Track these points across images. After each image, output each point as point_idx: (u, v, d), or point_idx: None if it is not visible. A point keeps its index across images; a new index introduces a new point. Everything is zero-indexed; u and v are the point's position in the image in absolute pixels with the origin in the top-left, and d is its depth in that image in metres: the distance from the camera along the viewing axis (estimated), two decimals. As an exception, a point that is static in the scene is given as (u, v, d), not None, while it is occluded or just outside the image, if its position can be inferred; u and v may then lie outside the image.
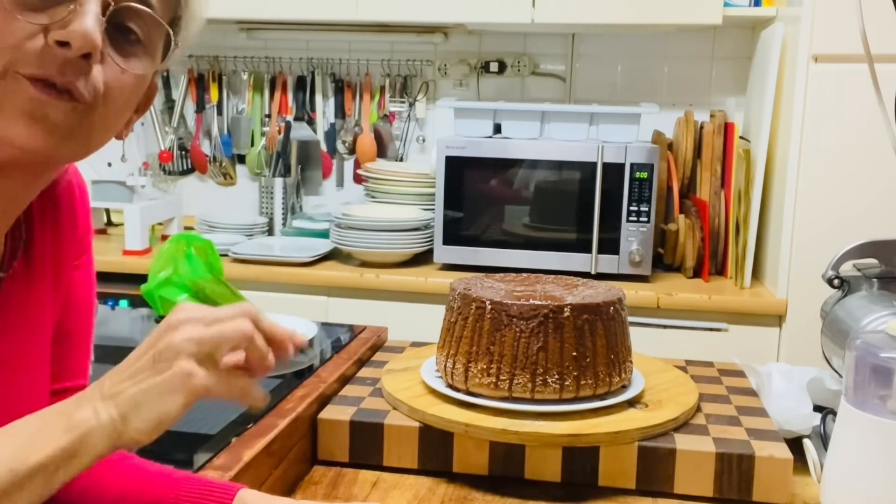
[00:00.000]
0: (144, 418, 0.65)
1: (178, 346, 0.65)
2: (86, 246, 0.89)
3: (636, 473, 1.05)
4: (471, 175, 2.45)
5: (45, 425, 0.65)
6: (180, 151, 3.06)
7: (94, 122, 0.70)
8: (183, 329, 0.66)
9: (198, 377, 0.65)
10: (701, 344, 2.24)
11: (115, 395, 0.65)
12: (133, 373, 0.66)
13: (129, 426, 0.65)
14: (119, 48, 0.70)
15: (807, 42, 2.12)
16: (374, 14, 2.54)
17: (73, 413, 0.65)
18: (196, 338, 0.66)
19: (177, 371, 0.65)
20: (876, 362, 0.93)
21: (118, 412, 0.65)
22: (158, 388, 0.65)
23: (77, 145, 0.70)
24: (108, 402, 0.65)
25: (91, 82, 0.68)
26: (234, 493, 0.86)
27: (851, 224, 2.10)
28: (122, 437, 0.65)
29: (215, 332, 0.66)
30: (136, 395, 0.65)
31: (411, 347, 1.42)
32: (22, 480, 0.63)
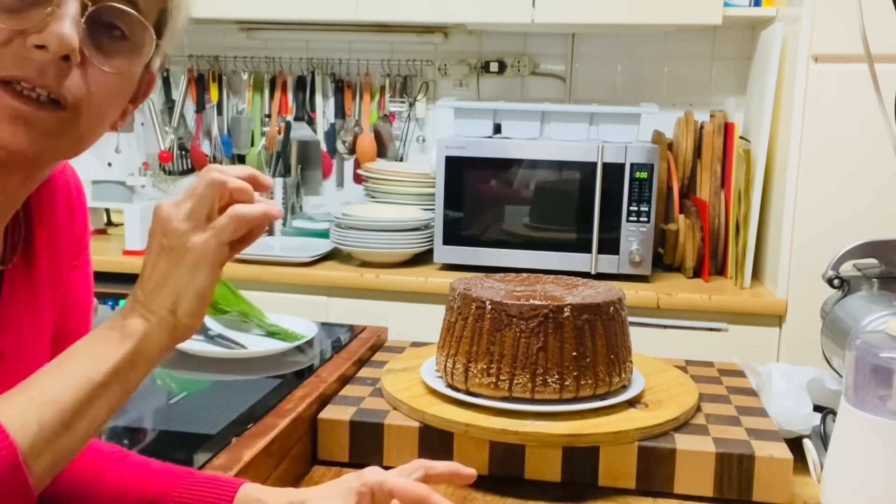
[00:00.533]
0: (188, 302, 0.69)
1: (179, 229, 0.68)
2: (83, 246, 0.89)
3: (636, 473, 1.05)
4: (471, 175, 2.45)
5: (102, 341, 0.69)
6: (180, 151, 3.06)
7: (82, 122, 0.70)
8: (169, 216, 0.69)
9: (209, 241, 0.69)
10: (701, 344, 2.24)
11: (154, 298, 0.69)
12: (159, 276, 0.69)
13: (179, 314, 0.69)
14: (101, 47, 0.70)
15: (807, 42, 2.12)
16: (374, 14, 2.54)
17: (125, 324, 0.69)
18: (185, 213, 0.69)
19: (191, 249, 0.68)
20: (876, 362, 0.93)
21: (165, 309, 0.69)
22: (185, 272, 0.69)
23: (65, 144, 0.71)
24: (150, 305, 0.69)
25: (72, 84, 0.68)
26: (236, 488, 0.86)
27: (851, 224, 2.10)
28: (177, 329, 0.70)
29: (194, 197, 0.69)
30: (171, 289, 0.69)
31: (411, 347, 1.42)
32: (99, 388, 0.66)
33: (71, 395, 0.65)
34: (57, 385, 0.65)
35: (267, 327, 1.48)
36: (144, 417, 1.15)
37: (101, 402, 0.67)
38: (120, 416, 1.13)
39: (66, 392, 0.65)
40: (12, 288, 0.78)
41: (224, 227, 0.69)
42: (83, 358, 0.67)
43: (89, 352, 0.68)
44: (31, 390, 0.65)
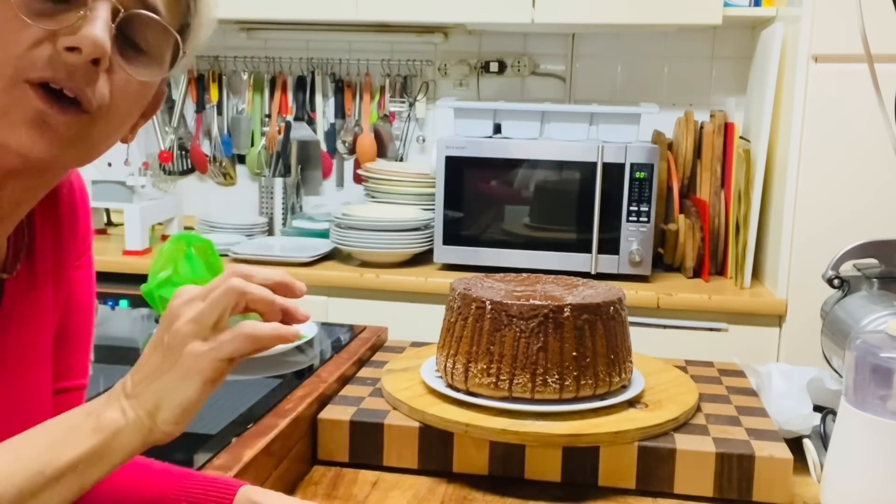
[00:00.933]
0: (170, 410, 0.66)
1: (180, 332, 0.66)
2: (86, 247, 0.89)
3: (636, 473, 1.05)
4: (471, 175, 2.45)
5: (74, 427, 0.66)
6: (180, 151, 3.06)
7: (98, 131, 0.70)
8: (182, 314, 0.67)
9: (205, 355, 0.66)
10: (701, 344, 2.24)
11: (138, 395, 0.67)
12: (149, 370, 0.67)
13: (157, 420, 0.66)
14: (126, 55, 0.69)
15: (807, 42, 2.12)
16: (374, 14, 2.54)
17: (102, 414, 0.66)
18: (194, 317, 0.67)
19: (185, 356, 0.66)
20: (876, 362, 0.93)
21: (144, 410, 0.66)
22: (174, 378, 0.66)
23: (80, 153, 0.70)
24: (133, 402, 0.67)
25: (98, 89, 0.67)
26: (235, 489, 0.86)
27: (851, 224, 2.10)
28: (152, 433, 0.67)
29: (208, 302, 0.67)
30: (156, 391, 0.66)
31: (411, 347, 1.42)
32: (51, 480, 0.64)
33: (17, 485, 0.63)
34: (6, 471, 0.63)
35: (267, 327, 1.48)
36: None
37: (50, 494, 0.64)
38: (120, 416, 1.13)
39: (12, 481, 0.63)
40: (14, 296, 0.78)
41: (225, 344, 0.67)
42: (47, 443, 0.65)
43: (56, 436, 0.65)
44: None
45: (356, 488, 1.06)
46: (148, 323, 1.61)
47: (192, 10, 0.75)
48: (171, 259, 1.49)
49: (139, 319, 1.67)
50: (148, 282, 1.50)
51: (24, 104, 0.65)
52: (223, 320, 0.67)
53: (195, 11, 0.76)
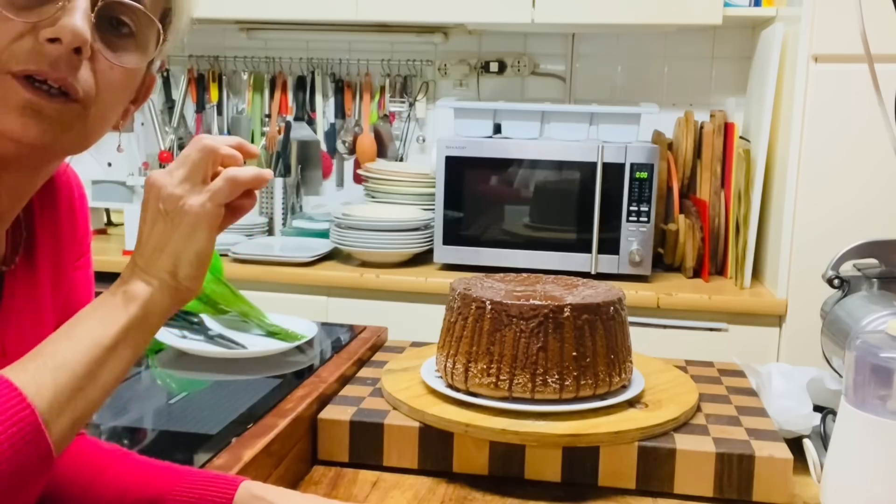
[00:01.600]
0: (188, 265, 0.71)
1: (175, 194, 0.70)
2: (85, 247, 0.89)
3: (636, 473, 1.05)
4: (471, 175, 2.45)
5: (107, 306, 0.70)
6: (180, 151, 3.05)
7: (89, 117, 0.71)
8: (164, 182, 0.71)
9: (205, 204, 0.70)
10: (701, 344, 2.24)
11: (153, 262, 0.71)
12: (156, 240, 0.71)
13: (180, 277, 0.71)
14: (109, 42, 0.71)
15: (807, 42, 2.12)
16: (374, 14, 2.54)
17: (127, 289, 0.70)
18: (179, 178, 0.71)
19: (187, 212, 0.70)
20: (876, 362, 0.93)
21: (165, 272, 0.71)
22: (183, 234, 0.70)
23: (73, 138, 0.71)
24: (151, 270, 0.71)
25: (82, 77, 0.69)
26: (236, 485, 0.86)
27: (851, 224, 2.10)
28: (178, 291, 0.71)
29: (187, 162, 0.71)
30: (170, 253, 0.70)
31: (411, 347, 1.42)
32: (109, 350, 0.68)
33: (82, 359, 0.66)
34: (68, 350, 0.66)
35: (267, 327, 1.48)
36: (144, 417, 1.15)
37: (111, 365, 0.68)
38: (120, 416, 1.13)
39: (77, 356, 0.66)
40: (13, 288, 0.78)
41: (219, 189, 0.71)
42: (91, 322, 0.69)
43: (96, 316, 0.69)
44: (43, 356, 0.66)
45: (356, 488, 1.06)
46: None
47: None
48: (171, 259, 1.49)
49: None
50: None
51: (10, 94, 0.67)
52: (207, 177, 0.71)
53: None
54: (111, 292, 0.71)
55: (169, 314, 0.72)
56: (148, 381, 1.35)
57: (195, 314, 1.47)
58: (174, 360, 1.40)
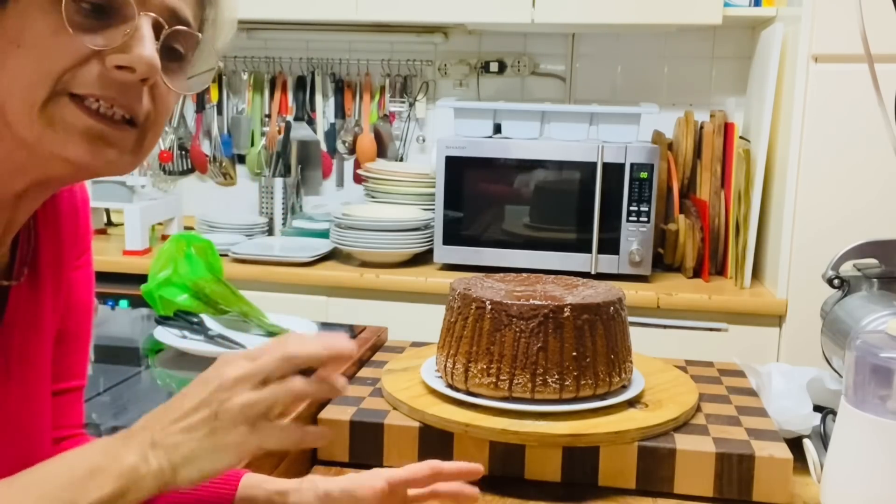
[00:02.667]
0: (196, 471, 0.66)
1: (235, 412, 0.66)
2: (86, 246, 0.89)
3: (636, 473, 1.05)
4: (471, 175, 2.45)
5: (96, 469, 0.65)
6: (180, 151, 3.06)
7: (146, 140, 0.72)
8: (237, 392, 0.66)
9: (250, 442, 0.66)
10: (701, 344, 2.24)
11: (168, 448, 0.66)
12: (187, 427, 0.66)
13: (179, 476, 0.66)
14: (167, 66, 0.71)
15: (807, 42, 2.12)
16: (374, 14, 2.54)
17: (124, 458, 0.65)
18: (251, 403, 0.66)
19: (230, 434, 0.66)
20: (876, 362, 0.93)
21: (169, 463, 0.66)
22: (209, 447, 0.66)
23: (129, 161, 0.72)
24: (160, 451, 0.66)
25: (144, 104, 0.69)
26: (238, 478, 0.86)
27: (851, 224, 2.10)
28: (168, 485, 0.66)
29: (268, 396, 0.67)
30: (191, 450, 0.66)
31: (411, 347, 1.42)
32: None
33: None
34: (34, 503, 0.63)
35: (267, 327, 1.49)
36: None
37: None
38: (120, 416, 1.13)
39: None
40: (18, 301, 0.78)
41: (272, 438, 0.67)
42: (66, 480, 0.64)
43: (77, 476, 0.65)
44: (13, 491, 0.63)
45: (356, 488, 1.06)
46: (148, 323, 1.61)
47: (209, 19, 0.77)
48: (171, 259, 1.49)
49: (139, 319, 1.68)
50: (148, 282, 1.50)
51: (73, 119, 0.66)
52: (272, 414, 0.67)
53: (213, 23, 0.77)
54: (104, 451, 0.66)
55: (145, 498, 0.66)
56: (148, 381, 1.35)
57: (195, 314, 1.47)
58: (174, 360, 1.39)
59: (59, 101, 0.66)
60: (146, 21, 0.67)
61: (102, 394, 1.22)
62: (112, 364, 1.39)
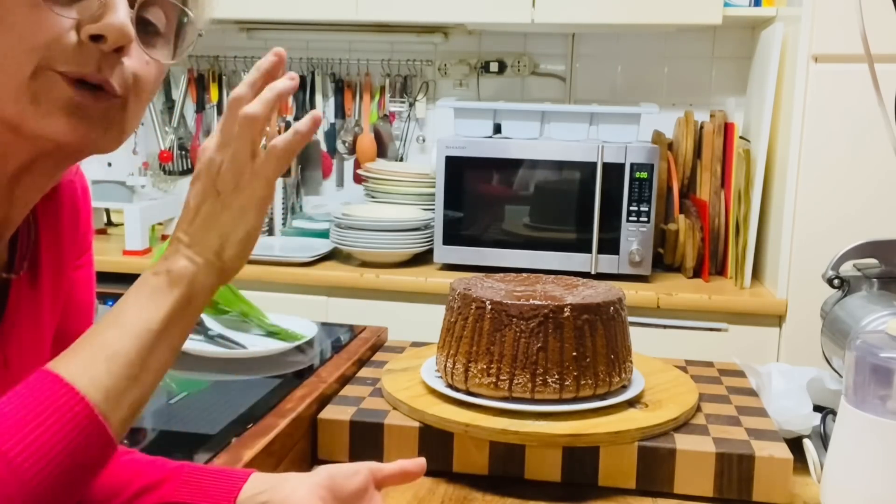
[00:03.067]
0: (236, 244, 0.70)
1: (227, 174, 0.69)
2: (86, 246, 0.89)
3: (636, 473, 1.05)
4: (471, 175, 2.45)
5: (151, 289, 0.69)
6: (180, 151, 3.06)
7: (127, 114, 0.71)
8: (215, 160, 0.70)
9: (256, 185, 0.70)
10: (701, 344, 2.24)
11: (202, 242, 0.70)
12: (204, 218, 0.70)
13: (225, 257, 0.70)
14: (144, 38, 0.70)
15: (807, 42, 2.12)
16: (374, 14, 2.54)
17: (171, 268, 0.69)
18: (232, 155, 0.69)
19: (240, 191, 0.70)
20: (876, 362, 0.93)
21: (211, 251, 0.70)
22: (232, 217, 0.70)
23: (113, 136, 0.71)
24: (197, 248, 0.70)
25: (122, 75, 0.69)
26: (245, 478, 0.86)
27: (851, 224, 2.10)
28: (223, 271, 0.71)
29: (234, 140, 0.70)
30: (218, 231, 0.70)
31: (411, 347, 1.42)
32: (159, 334, 0.67)
33: (133, 347, 0.66)
34: (117, 338, 0.66)
35: (267, 327, 1.48)
36: (144, 417, 1.15)
37: (162, 349, 0.67)
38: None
39: (128, 344, 0.66)
40: (18, 296, 0.78)
41: (269, 170, 0.70)
42: (138, 307, 0.68)
43: (142, 300, 0.68)
44: (93, 346, 0.65)
45: (356, 488, 1.06)
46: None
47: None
48: (171, 259, 1.49)
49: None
50: (148, 282, 1.50)
51: (55, 92, 0.66)
52: (257, 148, 0.71)
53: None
54: (155, 272, 0.69)
55: (213, 293, 0.71)
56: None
57: (195, 314, 1.46)
58: (174, 360, 1.39)
59: (44, 75, 0.65)
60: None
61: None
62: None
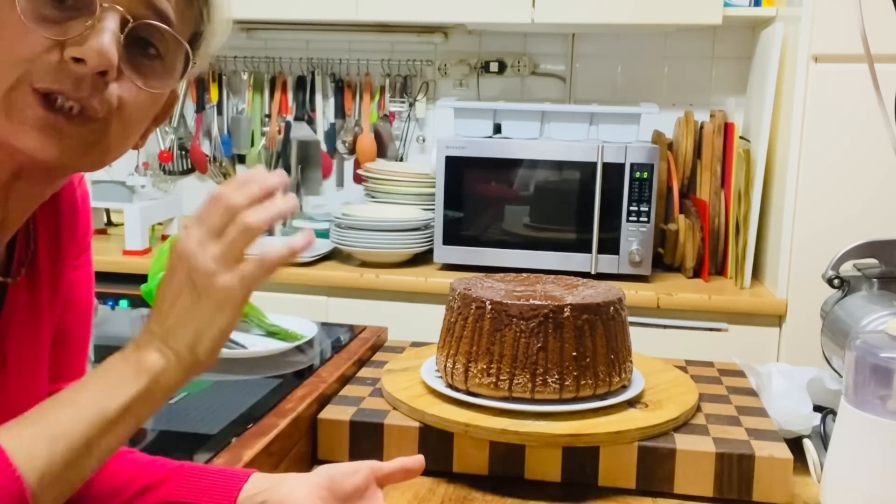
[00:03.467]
0: (209, 341, 0.68)
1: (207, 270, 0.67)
2: (85, 246, 0.89)
3: (636, 473, 1.05)
4: (471, 175, 2.45)
5: (116, 375, 0.68)
6: (180, 151, 3.06)
7: (110, 136, 0.70)
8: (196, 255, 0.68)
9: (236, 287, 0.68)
10: (701, 344, 2.24)
11: (173, 334, 0.68)
12: (179, 312, 0.68)
13: (198, 352, 0.68)
14: (137, 64, 0.69)
15: (807, 42, 2.12)
16: (374, 14, 2.54)
17: (141, 358, 0.68)
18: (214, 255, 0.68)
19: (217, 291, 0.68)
20: (876, 362, 0.93)
21: (184, 346, 0.68)
22: (208, 313, 0.68)
23: (92, 157, 0.70)
24: (169, 341, 0.68)
25: (106, 99, 0.68)
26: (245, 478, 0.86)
27: (851, 224, 2.10)
28: (194, 366, 0.69)
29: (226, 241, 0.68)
30: (193, 326, 0.68)
31: (411, 347, 1.42)
32: (111, 423, 0.66)
33: (82, 431, 0.64)
34: (69, 419, 0.64)
35: (267, 327, 1.48)
36: (144, 417, 1.15)
37: (110, 437, 0.66)
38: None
39: (77, 426, 0.64)
40: (15, 300, 0.78)
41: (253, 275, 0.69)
42: (96, 392, 0.66)
43: (103, 386, 0.67)
44: (42, 423, 0.64)
45: (356, 488, 1.06)
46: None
47: (204, 18, 0.75)
48: (171, 259, 1.49)
49: (139, 319, 1.67)
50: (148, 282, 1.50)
51: (29, 110, 0.65)
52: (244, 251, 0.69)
53: (208, 19, 0.76)
54: (123, 358, 0.68)
55: (179, 388, 0.69)
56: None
57: (195, 314, 1.46)
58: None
59: (21, 90, 0.65)
60: (112, 15, 0.66)
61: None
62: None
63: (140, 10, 0.68)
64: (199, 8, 0.75)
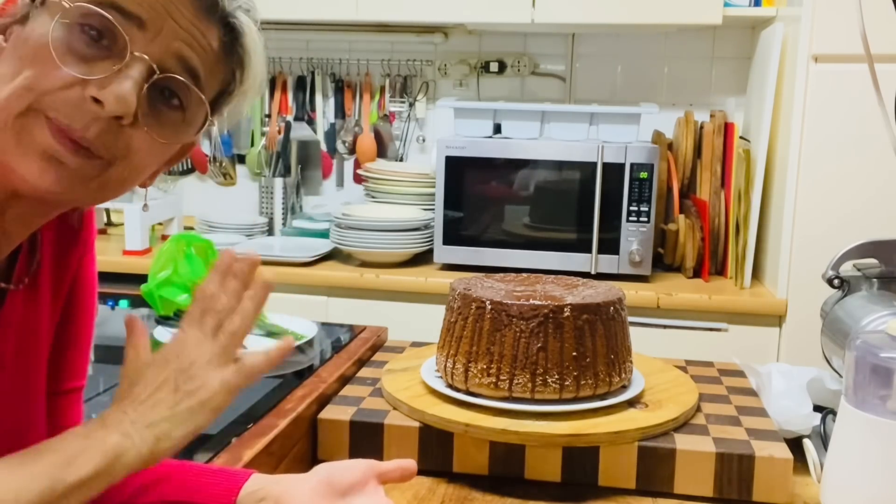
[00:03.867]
0: (178, 437, 0.70)
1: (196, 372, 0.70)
2: (88, 246, 0.89)
3: (636, 473, 1.05)
4: (471, 175, 2.45)
5: (75, 449, 0.66)
6: (180, 152, 3.05)
7: (111, 176, 0.70)
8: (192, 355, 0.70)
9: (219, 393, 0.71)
10: (701, 344, 2.24)
11: (148, 424, 0.69)
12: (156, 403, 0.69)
13: (163, 445, 0.69)
14: (156, 112, 0.70)
15: (807, 42, 2.12)
16: (374, 14, 2.54)
17: (106, 437, 0.67)
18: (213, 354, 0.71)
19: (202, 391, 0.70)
20: (876, 362, 0.93)
21: (152, 436, 0.68)
22: (186, 411, 0.70)
23: (90, 193, 0.70)
24: (139, 428, 0.68)
25: (117, 142, 0.68)
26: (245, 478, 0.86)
27: (851, 224, 2.10)
28: (153, 455, 0.69)
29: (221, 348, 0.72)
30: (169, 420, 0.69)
31: (411, 347, 1.42)
32: (61, 497, 0.65)
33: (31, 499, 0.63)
34: (21, 485, 0.63)
35: (267, 327, 1.48)
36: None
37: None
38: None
39: (27, 495, 0.63)
40: (14, 303, 0.77)
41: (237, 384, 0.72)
42: (55, 460, 0.65)
43: (62, 455, 0.66)
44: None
45: (356, 488, 1.06)
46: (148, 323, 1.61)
47: (237, 78, 0.75)
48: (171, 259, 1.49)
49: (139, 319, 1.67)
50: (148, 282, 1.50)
51: (37, 136, 0.66)
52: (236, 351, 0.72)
53: (240, 81, 0.76)
54: (86, 433, 0.67)
55: (134, 471, 0.68)
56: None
57: (195, 314, 1.46)
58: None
59: (32, 115, 0.66)
60: (139, 64, 0.67)
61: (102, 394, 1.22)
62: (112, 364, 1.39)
63: (169, 62, 0.68)
64: (232, 68, 0.75)
